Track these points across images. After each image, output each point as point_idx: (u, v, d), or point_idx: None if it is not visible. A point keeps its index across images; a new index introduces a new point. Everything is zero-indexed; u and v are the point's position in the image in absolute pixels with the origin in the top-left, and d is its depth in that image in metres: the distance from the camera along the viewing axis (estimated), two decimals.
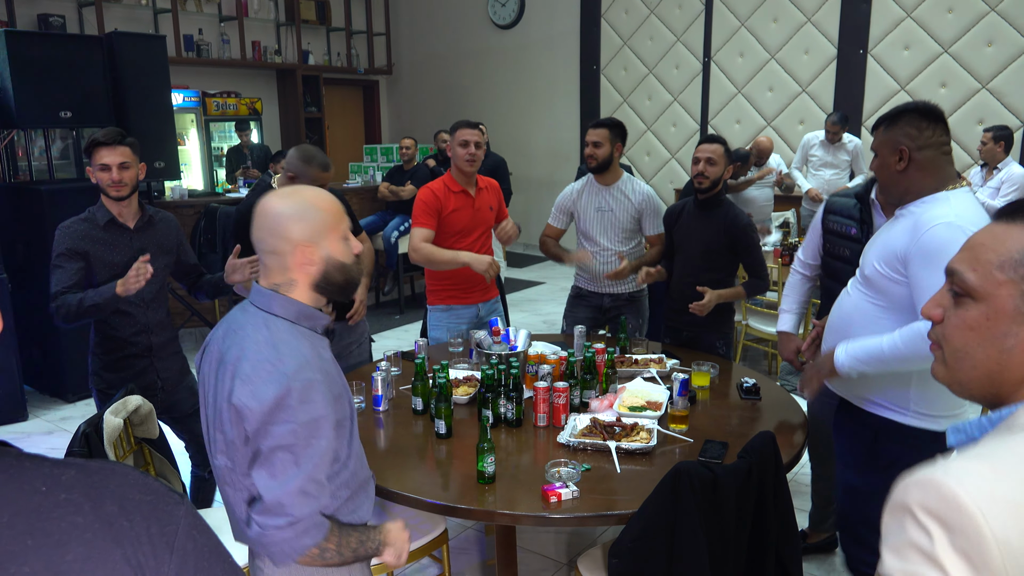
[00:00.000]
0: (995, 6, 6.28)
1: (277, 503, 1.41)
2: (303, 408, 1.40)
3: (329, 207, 1.52)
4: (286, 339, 1.47)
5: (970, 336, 0.89)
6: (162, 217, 2.82)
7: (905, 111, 2.09)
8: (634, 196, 3.45)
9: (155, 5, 7.80)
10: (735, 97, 7.74)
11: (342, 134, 10.11)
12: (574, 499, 1.96)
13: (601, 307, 3.57)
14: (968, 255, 0.91)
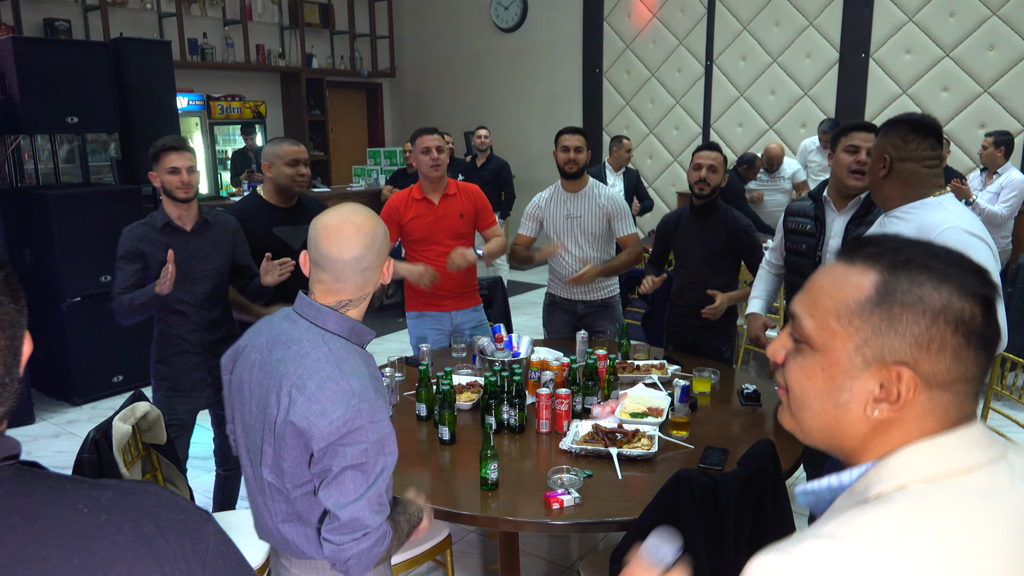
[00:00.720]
0: (997, 10, 6.29)
1: (353, 519, 1.44)
2: (373, 428, 1.44)
3: (383, 230, 1.57)
4: (345, 357, 1.48)
5: (807, 385, 0.84)
6: (219, 220, 2.91)
7: (899, 121, 2.17)
8: (601, 200, 3.47)
9: (160, 9, 7.84)
10: (737, 101, 7.76)
11: (345, 137, 10.14)
12: (576, 506, 1.99)
13: (575, 313, 3.59)
14: (808, 298, 0.85)
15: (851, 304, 0.80)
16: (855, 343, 0.79)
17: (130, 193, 4.99)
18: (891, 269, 0.79)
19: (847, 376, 0.80)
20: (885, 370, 0.78)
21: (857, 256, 0.82)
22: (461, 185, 3.44)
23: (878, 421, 0.80)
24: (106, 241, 4.27)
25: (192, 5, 8.14)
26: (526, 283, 8.02)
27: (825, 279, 0.84)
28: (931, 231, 1.99)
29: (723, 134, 7.90)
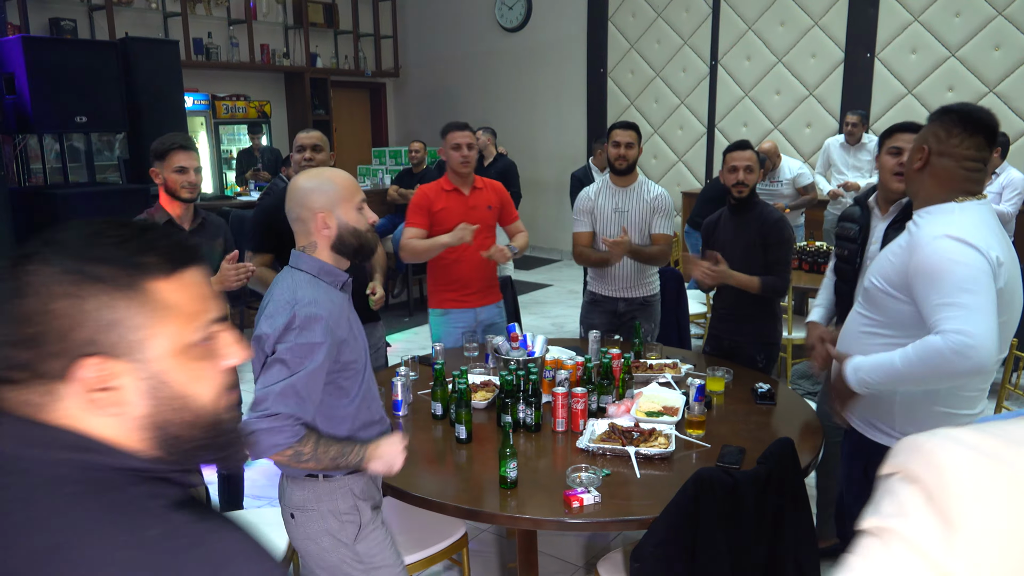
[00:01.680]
0: (1003, 10, 6.30)
1: (261, 398, 1.67)
2: (303, 334, 1.69)
3: (343, 182, 1.83)
4: (303, 285, 1.77)
5: None
6: (212, 220, 2.94)
7: (950, 111, 1.97)
8: (649, 196, 3.49)
9: (165, 9, 7.85)
10: (742, 100, 7.76)
11: (349, 136, 10.15)
12: (596, 504, 2.00)
13: (616, 312, 3.59)
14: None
15: None
16: None
17: (138, 192, 5.00)
18: None
19: None
20: None
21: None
22: (486, 180, 3.51)
23: None
24: None
25: (197, 5, 8.15)
26: (532, 283, 8.02)
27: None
28: (923, 240, 1.89)
29: (728, 134, 7.90)
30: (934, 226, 1.90)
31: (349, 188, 1.83)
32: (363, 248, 1.86)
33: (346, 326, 1.81)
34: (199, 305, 0.78)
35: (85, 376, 0.72)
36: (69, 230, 0.75)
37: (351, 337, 1.83)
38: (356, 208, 1.84)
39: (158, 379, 0.75)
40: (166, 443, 0.77)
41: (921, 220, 1.97)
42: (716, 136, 7.98)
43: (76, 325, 0.71)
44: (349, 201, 1.82)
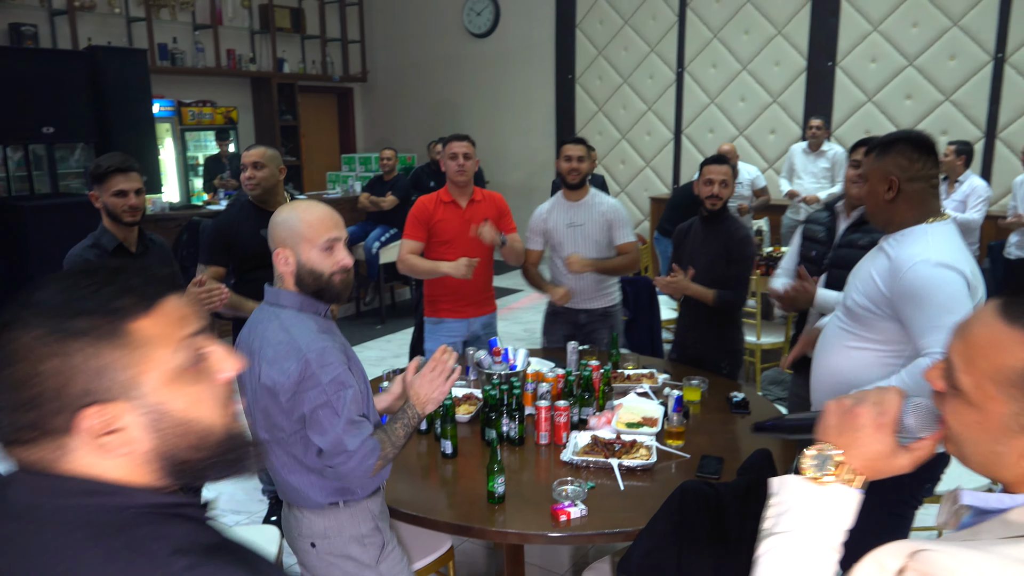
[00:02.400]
0: (957, 21, 6.51)
1: (334, 446, 1.71)
2: (324, 371, 1.71)
3: (311, 219, 1.78)
4: (294, 322, 1.77)
5: (964, 430, 0.88)
6: (155, 240, 2.89)
7: (898, 140, 2.09)
8: (602, 208, 3.54)
9: (128, 14, 7.74)
10: (708, 107, 7.90)
11: (318, 142, 10.09)
12: (583, 517, 2.05)
13: (577, 323, 3.64)
14: (965, 350, 0.88)
15: (1010, 374, 0.82)
16: (1012, 410, 0.82)
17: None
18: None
19: (1003, 434, 0.83)
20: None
21: (1020, 319, 0.83)
22: (485, 192, 3.55)
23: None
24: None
25: (161, 9, 8.04)
26: (502, 288, 8.06)
27: (985, 335, 0.85)
28: (906, 263, 2.00)
29: (694, 140, 8.04)
30: (912, 249, 2.02)
31: (314, 227, 1.77)
32: (323, 292, 1.80)
33: (347, 357, 1.83)
34: (181, 329, 0.80)
35: (89, 425, 0.74)
36: (44, 289, 0.77)
37: (355, 366, 1.86)
38: (321, 249, 1.77)
39: (158, 411, 0.77)
40: (176, 469, 0.80)
41: (896, 244, 2.08)
42: (683, 142, 8.11)
43: (69, 380, 0.74)
44: (311, 241, 1.76)
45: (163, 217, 5.81)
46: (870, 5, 6.87)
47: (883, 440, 0.94)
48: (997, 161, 6.54)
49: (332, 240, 1.78)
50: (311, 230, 1.77)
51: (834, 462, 0.94)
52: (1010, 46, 6.34)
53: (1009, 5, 6.30)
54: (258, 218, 3.15)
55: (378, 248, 6.70)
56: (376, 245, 6.70)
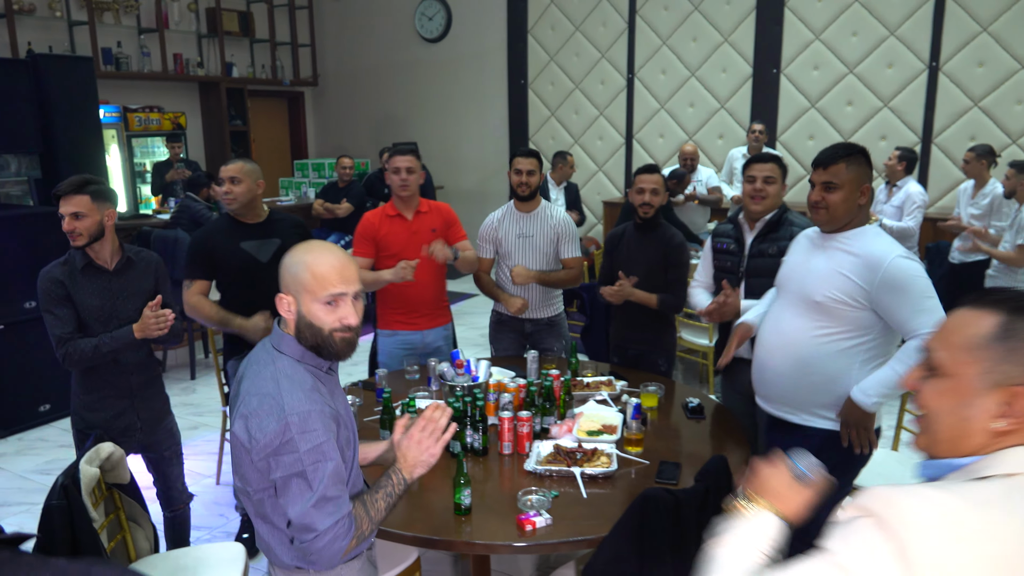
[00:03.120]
0: (894, 30, 6.77)
1: (302, 524, 1.60)
2: (304, 438, 1.58)
3: (319, 270, 1.64)
4: (289, 374, 1.64)
5: (941, 402, 1.07)
6: (142, 258, 2.83)
7: (859, 152, 2.37)
8: (552, 221, 3.61)
9: (70, 18, 7.55)
10: (658, 112, 8.05)
11: (268, 147, 9.97)
12: (548, 526, 2.10)
13: (523, 332, 3.71)
14: (942, 336, 1.09)
15: (978, 339, 1.03)
16: (981, 369, 1.02)
17: (52, 216, 4.80)
18: (1012, 312, 1.03)
19: (973, 395, 1.03)
20: (1007, 391, 1.01)
21: (984, 302, 1.06)
22: (432, 203, 3.57)
23: (997, 432, 1.02)
24: (29, 265, 4.13)
25: (105, 13, 7.87)
26: (457, 292, 8.10)
27: (957, 321, 1.07)
28: (882, 260, 2.25)
29: (645, 144, 8.18)
30: (879, 246, 2.30)
31: (320, 280, 1.63)
32: (321, 349, 1.66)
33: (336, 425, 1.68)
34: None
35: None
36: None
37: (343, 420, 1.73)
38: (322, 303, 1.63)
39: None
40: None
41: (854, 242, 2.35)
42: (634, 147, 8.25)
43: None
44: (312, 293, 1.63)
45: None
46: (812, 14, 7.09)
47: (796, 494, 1.22)
48: (933, 165, 6.82)
49: (336, 295, 1.64)
50: (315, 282, 1.63)
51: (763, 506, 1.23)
52: (943, 55, 6.62)
53: (942, 16, 6.57)
54: (238, 231, 3.14)
55: None
56: None
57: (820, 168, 2.36)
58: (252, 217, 3.18)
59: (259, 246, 3.14)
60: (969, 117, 6.62)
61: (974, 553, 0.92)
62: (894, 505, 0.95)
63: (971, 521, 0.93)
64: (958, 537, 0.92)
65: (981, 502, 0.95)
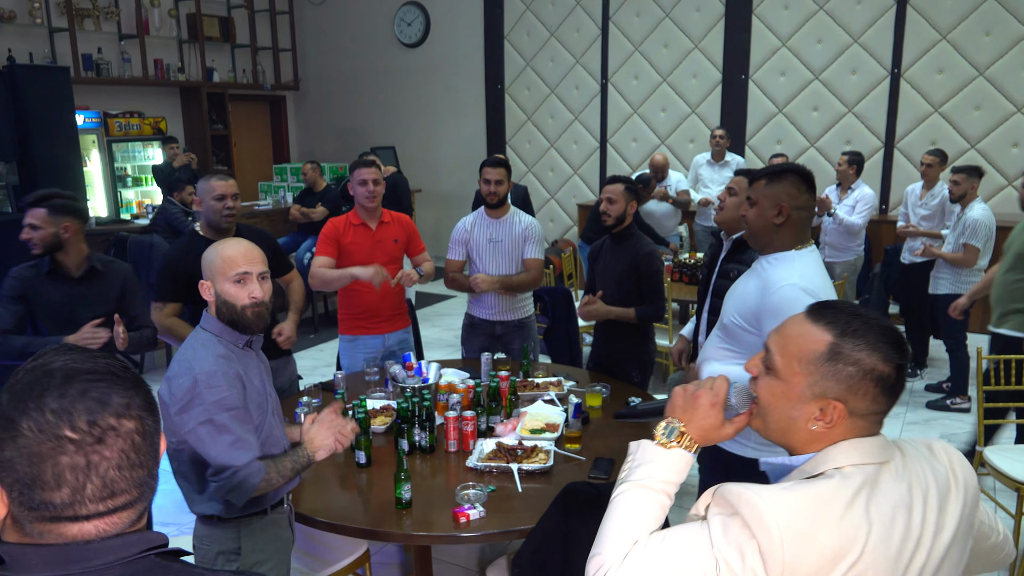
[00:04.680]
0: (858, 38, 6.95)
1: (222, 462, 1.87)
2: (210, 391, 1.87)
3: (226, 253, 1.97)
4: (204, 343, 1.96)
5: (772, 400, 1.22)
6: (111, 268, 2.95)
7: (789, 171, 2.32)
8: (520, 226, 3.77)
9: (51, 24, 7.64)
10: (631, 117, 8.21)
11: (250, 151, 10.08)
12: (481, 519, 2.25)
13: (493, 334, 3.86)
14: (781, 341, 1.21)
15: (810, 356, 1.17)
16: (808, 382, 1.17)
17: None
18: (841, 335, 1.16)
19: (799, 401, 1.18)
20: (825, 402, 1.16)
21: (822, 318, 1.19)
22: (393, 214, 3.70)
23: (815, 432, 1.18)
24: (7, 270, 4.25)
25: (85, 20, 7.97)
26: (432, 294, 8.24)
27: (797, 329, 1.20)
28: (772, 286, 2.23)
29: (619, 148, 8.34)
30: (781, 272, 2.27)
31: (227, 261, 1.96)
32: (237, 323, 1.97)
33: (242, 384, 1.95)
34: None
35: None
36: None
37: (250, 394, 1.98)
38: (232, 282, 1.95)
39: None
40: None
41: (770, 265, 2.33)
42: (608, 151, 8.41)
43: None
44: (223, 274, 1.96)
45: (89, 232, 5.80)
46: (779, 22, 7.27)
47: (715, 416, 1.27)
48: (895, 170, 7.00)
49: (242, 274, 1.96)
50: (225, 264, 1.96)
51: (679, 432, 1.26)
52: (905, 62, 6.80)
53: (903, 24, 6.76)
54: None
55: (309, 259, 6.79)
56: (308, 256, 6.80)
57: (751, 182, 2.39)
58: (220, 234, 3.26)
59: None
60: (930, 122, 6.81)
61: (821, 547, 1.07)
62: (754, 508, 1.09)
63: (816, 517, 1.08)
64: (806, 535, 1.07)
65: (824, 499, 1.10)
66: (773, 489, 1.12)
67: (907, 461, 1.20)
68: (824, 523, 1.08)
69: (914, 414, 4.90)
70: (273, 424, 2.08)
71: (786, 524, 1.07)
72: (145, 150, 8.38)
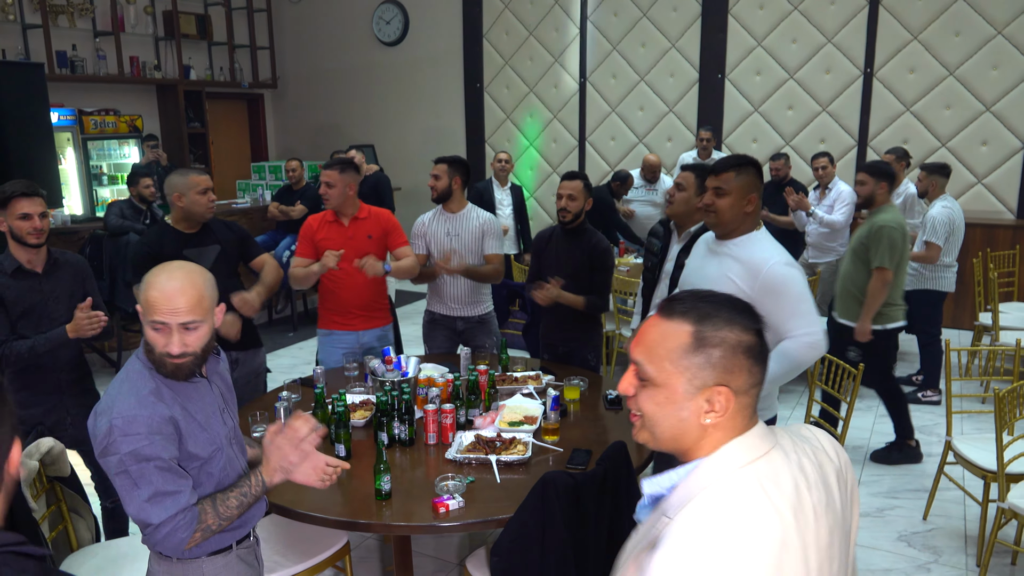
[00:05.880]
0: (831, 38, 7.05)
1: (139, 518, 1.68)
2: (125, 441, 1.64)
3: (149, 294, 1.67)
4: (133, 378, 1.72)
5: (656, 409, 1.17)
6: (68, 260, 2.96)
7: (749, 163, 2.53)
8: (478, 221, 3.85)
9: (24, 21, 7.55)
10: (609, 116, 8.27)
11: (227, 149, 10.02)
12: (460, 508, 2.28)
13: (455, 329, 3.92)
14: (646, 350, 1.18)
15: (678, 352, 1.14)
16: (687, 377, 1.14)
17: None
18: (698, 321, 1.14)
19: (684, 399, 1.14)
20: (709, 391, 1.14)
21: (674, 312, 1.17)
22: (373, 210, 3.73)
23: (708, 426, 1.15)
24: None
25: (59, 16, 7.88)
26: (412, 292, 8.25)
27: (655, 333, 1.17)
28: (761, 265, 2.42)
29: (597, 147, 8.39)
30: (761, 252, 2.46)
31: (147, 305, 1.67)
32: (158, 368, 1.71)
33: (174, 428, 1.72)
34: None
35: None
36: None
37: (191, 433, 1.75)
38: (150, 327, 1.68)
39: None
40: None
41: (740, 248, 2.51)
42: (587, 149, 8.46)
43: None
44: (144, 315, 1.69)
45: (65, 231, 5.75)
46: (754, 22, 7.35)
47: None
48: None
49: (159, 324, 1.67)
50: (145, 304, 1.68)
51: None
52: (877, 62, 6.91)
53: (876, 24, 6.87)
54: (179, 241, 3.23)
55: (288, 257, 6.78)
56: (287, 254, 6.78)
57: (712, 175, 2.53)
58: (193, 226, 3.29)
59: (199, 254, 3.26)
60: (902, 121, 6.92)
61: (755, 557, 1.05)
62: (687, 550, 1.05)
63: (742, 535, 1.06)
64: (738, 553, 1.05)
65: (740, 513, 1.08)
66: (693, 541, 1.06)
67: (787, 442, 1.21)
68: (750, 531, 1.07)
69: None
70: (232, 456, 1.86)
71: (719, 554, 1.04)
72: (121, 148, 8.30)
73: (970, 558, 3.29)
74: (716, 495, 1.10)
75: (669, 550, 1.05)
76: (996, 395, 2.98)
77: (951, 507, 3.70)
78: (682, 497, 1.13)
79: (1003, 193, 6.67)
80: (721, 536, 1.05)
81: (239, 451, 1.92)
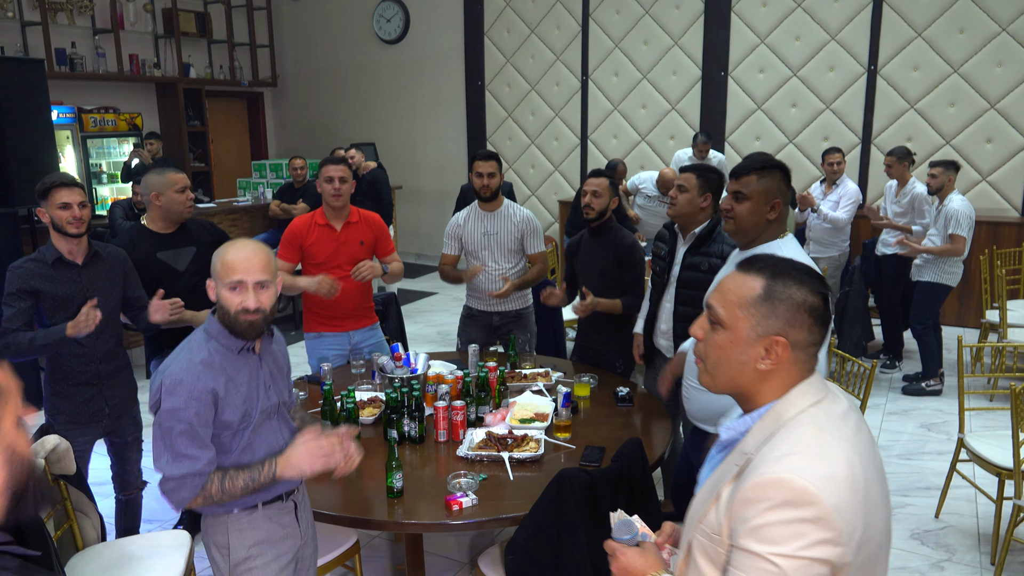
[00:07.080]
0: (835, 35, 7.03)
1: (156, 465, 1.86)
2: (168, 399, 1.83)
3: (227, 259, 1.87)
4: (190, 346, 1.90)
5: (720, 352, 1.30)
6: (109, 252, 2.95)
7: (775, 167, 2.35)
8: (516, 219, 3.77)
9: (23, 18, 7.51)
10: (611, 113, 8.24)
11: (227, 148, 9.98)
12: (474, 506, 2.24)
13: (491, 325, 3.86)
14: (720, 296, 1.31)
15: (749, 299, 1.26)
16: (751, 323, 1.26)
17: (5, 217, 4.84)
18: (772, 277, 1.26)
19: (746, 344, 1.26)
20: (769, 340, 1.25)
21: (752, 268, 1.29)
22: (363, 214, 3.59)
23: (764, 372, 1.26)
24: None
25: (58, 13, 7.83)
26: (416, 291, 8.21)
27: (731, 283, 1.30)
28: None
29: (599, 145, 8.36)
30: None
31: (226, 267, 1.85)
32: (232, 328, 1.87)
33: (212, 400, 1.86)
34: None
35: None
36: None
37: (230, 402, 1.89)
38: (228, 288, 1.86)
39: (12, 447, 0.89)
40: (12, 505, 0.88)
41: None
42: (589, 147, 8.43)
43: None
44: (221, 279, 1.87)
45: None
46: (757, 19, 7.32)
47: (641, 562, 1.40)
48: (873, 165, 7.09)
49: (236, 282, 1.85)
50: (223, 269, 1.86)
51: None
52: (881, 59, 6.89)
53: (880, 21, 6.84)
54: (153, 242, 3.19)
55: None
56: None
57: (733, 178, 2.38)
58: (171, 226, 3.24)
59: (175, 255, 3.22)
60: (906, 119, 6.90)
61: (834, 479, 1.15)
62: (781, 486, 1.14)
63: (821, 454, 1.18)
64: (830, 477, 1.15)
65: (813, 438, 1.20)
66: (782, 456, 1.18)
67: (835, 388, 1.34)
68: (832, 457, 1.17)
69: (893, 404, 4.96)
70: (269, 428, 1.99)
71: (816, 477, 1.13)
72: (120, 146, 8.26)
73: (984, 556, 3.26)
74: (796, 427, 1.22)
75: (762, 475, 1.16)
76: (1013, 391, 2.95)
77: (962, 505, 3.67)
78: (759, 437, 1.24)
79: (1008, 191, 6.65)
80: (806, 459, 1.15)
81: (280, 425, 2.04)
